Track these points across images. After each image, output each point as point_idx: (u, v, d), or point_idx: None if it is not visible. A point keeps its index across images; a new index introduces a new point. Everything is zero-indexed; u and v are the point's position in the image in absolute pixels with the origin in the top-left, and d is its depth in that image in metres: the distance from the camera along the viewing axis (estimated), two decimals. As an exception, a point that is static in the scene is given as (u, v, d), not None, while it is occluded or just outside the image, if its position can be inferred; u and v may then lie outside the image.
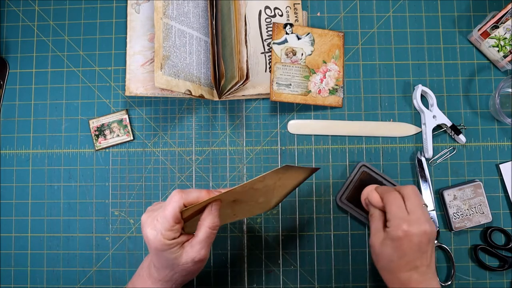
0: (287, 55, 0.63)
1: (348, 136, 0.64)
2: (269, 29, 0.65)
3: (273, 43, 0.63)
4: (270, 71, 0.63)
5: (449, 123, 0.62)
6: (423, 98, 0.64)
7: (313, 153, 0.63)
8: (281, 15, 0.65)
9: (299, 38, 0.64)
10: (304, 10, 0.66)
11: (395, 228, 0.48)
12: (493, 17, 0.62)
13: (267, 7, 0.66)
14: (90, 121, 0.64)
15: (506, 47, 0.62)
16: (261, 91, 0.64)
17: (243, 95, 0.63)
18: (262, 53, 0.65)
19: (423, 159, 0.62)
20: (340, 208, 0.62)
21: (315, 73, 0.64)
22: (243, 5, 0.61)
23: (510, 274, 0.61)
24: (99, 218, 0.63)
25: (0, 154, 0.64)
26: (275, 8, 0.66)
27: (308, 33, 0.64)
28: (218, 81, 0.63)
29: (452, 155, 0.63)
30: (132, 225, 0.63)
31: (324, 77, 0.64)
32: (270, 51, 0.64)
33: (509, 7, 0.62)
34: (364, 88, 0.65)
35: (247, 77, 0.59)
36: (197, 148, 0.64)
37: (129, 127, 0.64)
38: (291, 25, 0.64)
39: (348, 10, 0.66)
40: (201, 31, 0.64)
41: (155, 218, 0.45)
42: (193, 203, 0.45)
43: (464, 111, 0.64)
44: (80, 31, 0.66)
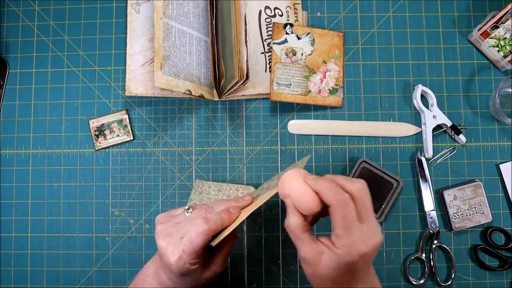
0: (287, 55, 0.63)
1: (348, 136, 0.64)
2: (269, 29, 0.65)
3: (273, 43, 0.63)
4: (270, 71, 0.63)
5: (449, 123, 0.62)
6: (423, 98, 0.64)
7: (313, 153, 0.63)
8: (281, 15, 0.65)
9: (299, 38, 0.64)
10: (304, 10, 0.66)
11: (349, 251, 0.36)
12: (493, 17, 0.62)
13: (267, 7, 0.66)
14: (90, 121, 0.64)
15: (506, 47, 0.62)
16: (261, 91, 0.64)
17: (243, 95, 0.63)
18: (262, 53, 0.65)
19: (423, 159, 0.62)
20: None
21: (315, 73, 0.64)
22: (243, 5, 0.61)
23: (510, 274, 0.61)
24: (99, 218, 0.63)
25: (0, 154, 0.64)
26: (275, 8, 0.66)
27: (308, 33, 0.64)
28: (218, 81, 0.63)
29: (452, 155, 0.63)
30: (132, 225, 0.63)
31: (324, 77, 0.64)
32: (270, 51, 0.64)
33: (509, 7, 0.61)
34: (364, 88, 0.65)
35: (247, 77, 0.59)
36: (197, 148, 0.64)
37: (129, 127, 0.64)
38: (291, 25, 0.64)
39: (348, 10, 0.66)
40: (201, 31, 0.64)
41: (181, 248, 0.42)
42: (218, 230, 0.44)
43: (464, 111, 0.64)
44: (80, 31, 0.66)
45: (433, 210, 0.61)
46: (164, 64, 0.58)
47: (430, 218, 0.61)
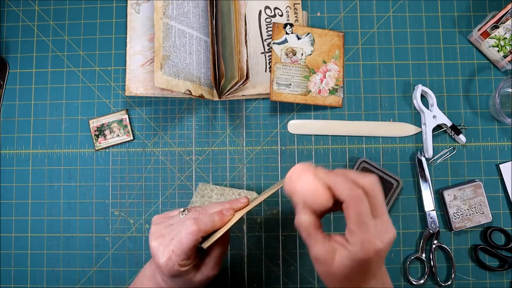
0: (287, 55, 0.63)
1: (348, 136, 0.64)
2: (269, 29, 0.65)
3: (273, 43, 0.63)
4: (270, 71, 0.63)
5: (449, 123, 0.62)
6: (423, 98, 0.64)
7: (313, 153, 0.63)
8: (281, 15, 0.65)
9: (299, 38, 0.64)
10: (304, 10, 0.66)
11: (364, 248, 0.35)
12: (493, 17, 0.62)
13: (267, 7, 0.66)
14: (90, 121, 0.64)
15: (506, 47, 0.62)
16: (261, 91, 0.64)
17: (243, 95, 0.63)
18: (262, 53, 0.65)
19: (423, 159, 0.62)
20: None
21: (315, 73, 0.64)
22: (243, 5, 0.61)
23: (510, 274, 0.61)
24: (99, 218, 0.63)
25: (0, 154, 0.64)
26: (275, 8, 0.66)
27: (308, 33, 0.64)
28: (218, 81, 0.63)
29: (452, 155, 0.63)
30: (132, 225, 0.63)
31: (324, 77, 0.64)
32: (270, 51, 0.64)
33: (509, 7, 0.61)
34: (364, 88, 0.65)
35: (247, 77, 0.59)
36: (197, 148, 0.64)
37: (129, 127, 0.64)
38: (291, 25, 0.64)
39: (348, 10, 0.66)
40: (201, 31, 0.64)
41: (170, 248, 0.42)
42: (209, 231, 0.44)
43: (464, 111, 0.64)
44: (80, 31, 0.66)
45: (433, 210, 0.61)
46: (164, 64, 0.58)
47: (430, 218, 0.61)
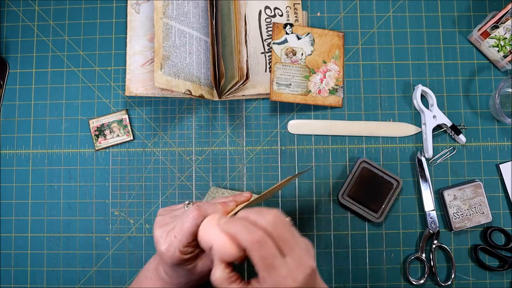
0: (287, 55, 0.63)
1: (348, 136, 0.64)
2: (269, 29, 0.65)
3: (273, 43, 0.63)
4: (270, 71, 0.63)
5: (449, 123, 0.62)
6: (423, 98, 0.64)
7: (313, 153, 0.63)
8: (281, 15, 0.65)
9: (299, 38, 0.64)
10: (304, 10, 0.66)
11: None
12: (493, 17, 0.62)
13: (267, 7, 0.66)
14: (90, 121, 0.64)
15: (506, 47, 0.62)
16: (261, 91, 0.64)
17: (243, 95, 0.63)
18: (262, 53, 0.65)
19: (423, 159, 0.62)
20: (342, 206, 0.62)
21: (315, 73, 0.64)
22: (243, 5, 0.61)
23: (510, 274, 0.61)
24: (99, 218, 0.63)
25: (0, 154, 0.64)
26: (275, 8, 0.66)
27: (308, 33, 0.64)
28: (218, 81, 0.63)
29: (452, 155, 0.63)
30: (132, 225, 0.63)
31: (324, 77, 0.64)
32: (270, 51, 0.64)
33: (509, 7, 0.61)
34: (364, 88, 0.65)
35: (247, 77, 0.59)
36: (197, 148, 0.64)
37: (129, 127, 0.64)
38: (291, 25, 0.64)
39: (348, 10, 0.66)
40: (201, 31, 0.64)
41: (172, 234, 0.43)
42: None
43: (464, 111, 0.64)
44: (80, 31, 0.66)
45: (433, 210, 0.61)
46: (164, 64, 0.58)
47: (430, 218, 0.61)
